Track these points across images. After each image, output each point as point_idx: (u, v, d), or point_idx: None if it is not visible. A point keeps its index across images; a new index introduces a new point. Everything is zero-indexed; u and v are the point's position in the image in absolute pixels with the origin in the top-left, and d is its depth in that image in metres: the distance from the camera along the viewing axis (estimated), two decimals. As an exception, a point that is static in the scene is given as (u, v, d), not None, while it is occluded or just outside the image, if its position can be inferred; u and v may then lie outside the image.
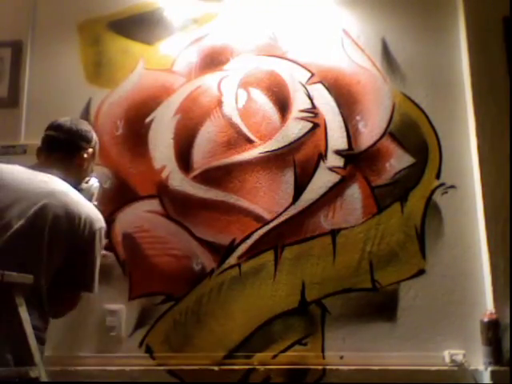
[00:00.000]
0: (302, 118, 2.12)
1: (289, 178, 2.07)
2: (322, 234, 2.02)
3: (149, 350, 1.97)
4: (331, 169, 2.07)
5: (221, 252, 2.03)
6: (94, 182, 1.71)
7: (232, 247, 2.02)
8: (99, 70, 2.22)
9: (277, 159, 2.09)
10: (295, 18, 2.21)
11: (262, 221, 2.04)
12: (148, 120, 2.14)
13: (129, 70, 2.21)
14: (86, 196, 1.57)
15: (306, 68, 2.16)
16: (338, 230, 2.02)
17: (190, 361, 1.90)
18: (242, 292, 2.00)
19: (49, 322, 1.43)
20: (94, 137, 1.66)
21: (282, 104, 2.14)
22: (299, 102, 2.13)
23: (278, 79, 2.16)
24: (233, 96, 2.15)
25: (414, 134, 2.09)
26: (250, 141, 2.11)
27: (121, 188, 2.10)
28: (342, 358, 1.92)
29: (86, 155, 1.59)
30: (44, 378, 1.20)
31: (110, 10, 2.27)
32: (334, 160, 2.08)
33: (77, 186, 1.57)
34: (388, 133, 2.09)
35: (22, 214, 1.34)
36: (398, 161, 2.06)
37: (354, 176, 2.06)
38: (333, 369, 1.88)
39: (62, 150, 1.56)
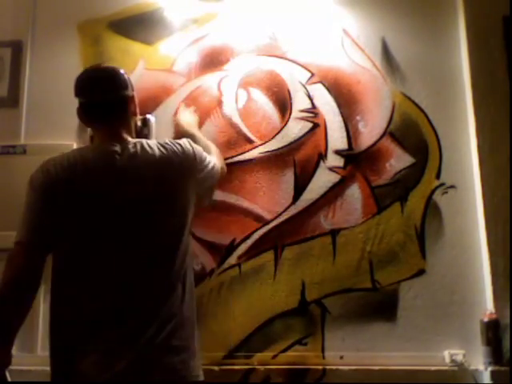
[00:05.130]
0: (302, 118, 2.12)
1: (289, 178, 2.08)
2: (322, 234, 2.02)
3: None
4: (331, 169, 2.07)
5: (221, 252, 2.03)
6: (150, 118, 1.73)
7: (232, 247, 2.02)
8: (99, 70, 2.22)
9: (277, 159, 2.09)
10: (295, 18, 2.21)
11: (262, 221, 2.04)
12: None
13: (129, 69, 2.19)
14: (150, 133, 1.64)
15: (306, 68, 2.16)
16: (338, 230, 2.02)
17: (190, 361, 1.90)
18: (242, 292, 2.00)
19: None
20: (126, 75, 1.52)
21: (282, 104, 2.14)
22: (299, 102, 2.13)
23: (278, 79, 2.16)
24: (233, 96, 2.15)
25: (414, 134, 2.09)
26: (250, 141, 2.11)
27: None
28: (341, 358, 1.92)
29: (132, 100, 1.51)
30: None
31: (110, 10, 2.26)
32: (334, 160, 2.08)
33: (138, 128, 1.58)
34: (388, 133, 2.09)
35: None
36: (397, 161, 2.06)
37: (354, 176, 2.06)
38: (333, 369, 1.88)
39: (112, 111, 1.46)
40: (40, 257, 1.31)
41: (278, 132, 2.11)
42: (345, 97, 2.13)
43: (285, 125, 2.12)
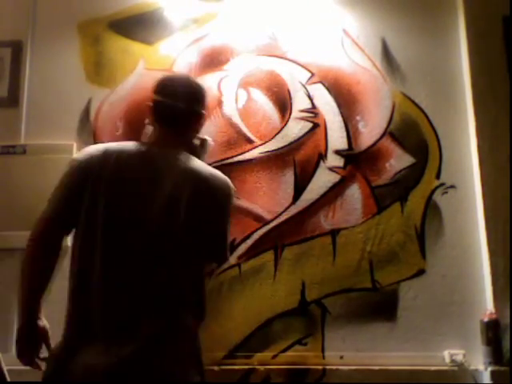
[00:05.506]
0: (302, 118, 2.12)
1: (289, 178, 2.08)
2: (322, 234, 2.02)
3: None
4: (331, 169, 2.07)
5: (221, 252, 2.03)
6: (209, 142, 1.67)
7: (232, 247, 2.02)
8: (99, 70, 2.22)
9: (277, 159, 2.09)
10: (295, 18, 2.21)
11: (262, 221, 2.04)
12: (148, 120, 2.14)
13: (129, 70, 2.21)
14: (203, 155, 1.57)
15: (306, 68, 2.16)
16: (338, 230, 2.02)
17: (190, 361, 1.90)
18: (241, 292, 2.00)
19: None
20: (206, 94, 1.56)
21: (282, 104, 2.14)
22: (299, 102, 2.13)
23: (278, 79, 2.16)
24: (233, 96, 2.15)
25: (414, 134, 2.09)
26: (250, 141, 2.11)
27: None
28: (342, 357, 1.92)
29: (202, 118, 1.54)
30: None
31: (110, 10, 2.26)
32: (334, 160, 2.08)
33: (192, 146, 1.55)
34: (388, 133, 2.09)
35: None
36: (397, 161, 2.07)
37: (354, 176, 2.06)
38: (333, 369, 1.88)
39: (181, 120, 1.48)
40: (61, 230, 1.36)
41: (278, 132, 2.11)
42: (345, 97, 2.13)
43: (285, 125, 2.12)
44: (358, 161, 2.07)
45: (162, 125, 1.49)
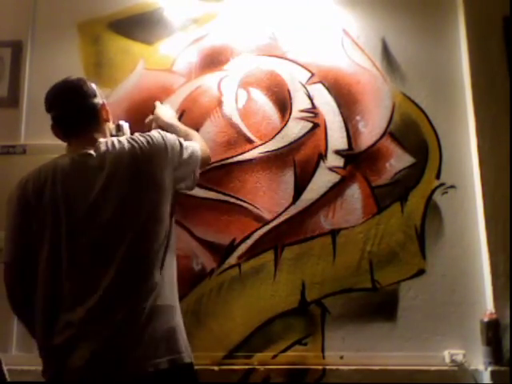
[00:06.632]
0: (302, 118, 2.12)
1: (289, 178, 2.08)
2: (322, 234, 2.02)
3: (149, 350, 1.96)
4: (331, 169, 2.07)
5: (221, 252, 2.03)
6: (123, 124, 1.72)
7: (232, 247, 2.02)
8: (99, 70, 2.22)
9: (277, 159, 2.09)
10: (295, 18, 2.21)
11: (262, 221, 2.04)
12: (148, 120, 2.13)
13: (129, 70, 2.21)
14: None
15: (306, 68, 2.16)
16: (338, 230, 2.02)
17: (190, 361, 1.90)
18: (241, 292, 2.00)
19: None
20: (94, 85, 1.57)
21: (282, 104, 2.14)
22: (299, 102, 2.13)
23: (278, 79, 2.16)
24: (233, 96, 2.15)
25: (414, 134, 2.09)
26: (250, 141, 2.11)
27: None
28: (342, 358, 1.92)
29: (103, 107, 1.54)
30: None
31: (110, 10, 2.27)
32: (334, 160, 2.08)
33: (111, 134, 1.57)
34: (388, 133, 2.09)
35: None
36: (397, 161, 2.07)
37: (354, 176, 2.06)
38: (333, 369, 1.88)
39: (85, 120, 1.49)
40: (26, 272, 1.35)
41: (278, 132, 2.11)
42: (345, 97, 2.13)
43: (285, 125, 2.12)
44: (358, 161, 2.07)
45: (73, 134, 1.48)
